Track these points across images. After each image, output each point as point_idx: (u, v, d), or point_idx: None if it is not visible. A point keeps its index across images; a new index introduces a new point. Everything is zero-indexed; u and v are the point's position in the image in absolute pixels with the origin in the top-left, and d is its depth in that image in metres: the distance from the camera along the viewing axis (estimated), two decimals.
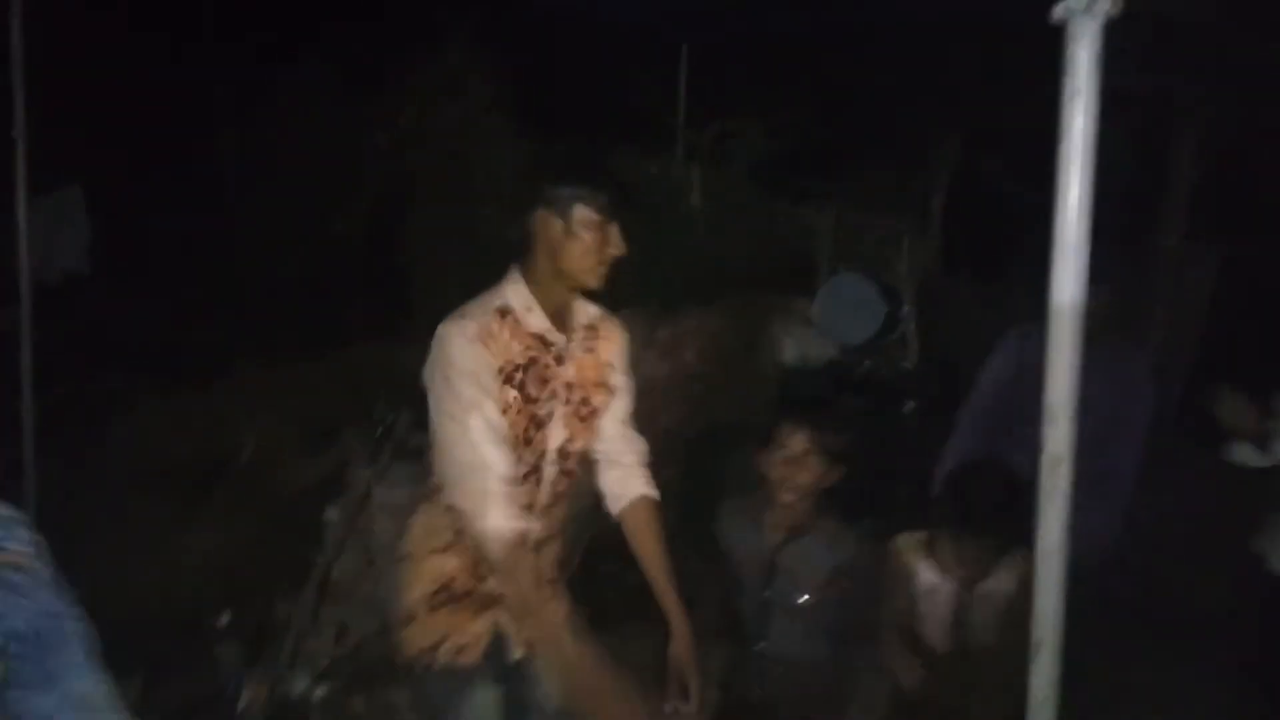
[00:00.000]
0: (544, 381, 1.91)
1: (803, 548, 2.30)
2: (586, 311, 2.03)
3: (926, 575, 2.30)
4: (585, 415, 2.00)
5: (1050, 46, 1.16)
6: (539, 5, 5.04)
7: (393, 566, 2.03)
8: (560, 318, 1.95)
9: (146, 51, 5.50)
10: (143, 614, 2.75)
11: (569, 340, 1.96)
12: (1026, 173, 5.44)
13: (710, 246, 4.41)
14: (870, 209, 4.72)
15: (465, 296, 1.98)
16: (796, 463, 2.28)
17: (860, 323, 3.69)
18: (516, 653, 1.98)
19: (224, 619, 3.03)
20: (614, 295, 2.25)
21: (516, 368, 1.88)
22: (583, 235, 1.86)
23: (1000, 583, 2.23)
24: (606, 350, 2.04)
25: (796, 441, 2.29)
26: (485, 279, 2.01)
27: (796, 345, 3.49)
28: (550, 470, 1.96)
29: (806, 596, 2.27)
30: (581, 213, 1.86)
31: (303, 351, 4.47)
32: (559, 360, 1.94)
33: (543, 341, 1.92)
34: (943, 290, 4.61)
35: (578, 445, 2.00)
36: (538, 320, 1.91)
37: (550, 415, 1.93)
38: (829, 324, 3.74)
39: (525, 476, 1.91)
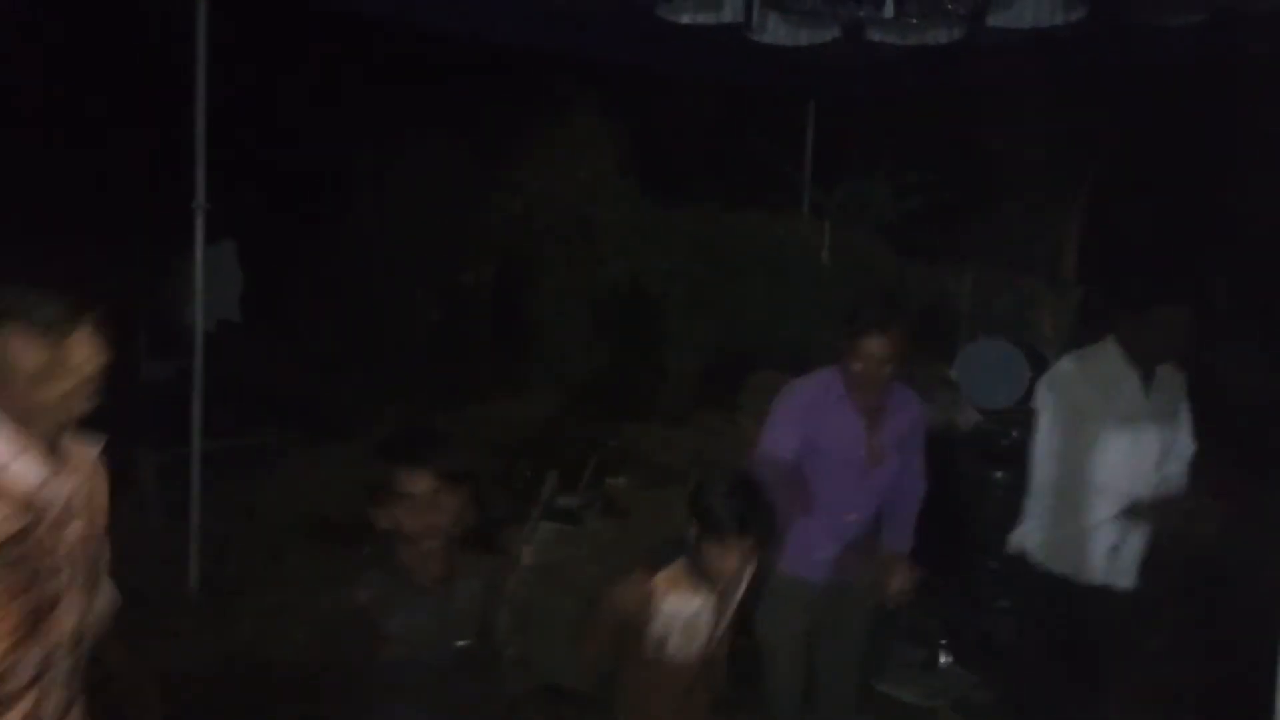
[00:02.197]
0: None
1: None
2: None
3: (685, 603, 2.18)
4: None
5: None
6: (664, 69, 5.17)
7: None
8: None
9: (295, 118, 5.87)
10: (301, 662, 2.84)
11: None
12: (1164, 227, 5.29)
13: (841, 307, 4.39)
14: (1007, 268, 4.61)
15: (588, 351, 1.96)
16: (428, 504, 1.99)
17: (1004, 388, 3.59)
18: None
19: None
20: (745, 357, 2.28)
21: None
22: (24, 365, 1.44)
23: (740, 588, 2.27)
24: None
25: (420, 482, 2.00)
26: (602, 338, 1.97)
27: (938, 412, 3.41)
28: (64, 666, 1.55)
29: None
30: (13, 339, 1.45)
31: (439, 405, 4.62)
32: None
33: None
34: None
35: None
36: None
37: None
38: (970, 389, 3.66)
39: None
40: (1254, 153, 3.72)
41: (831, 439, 2.66)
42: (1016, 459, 2.96)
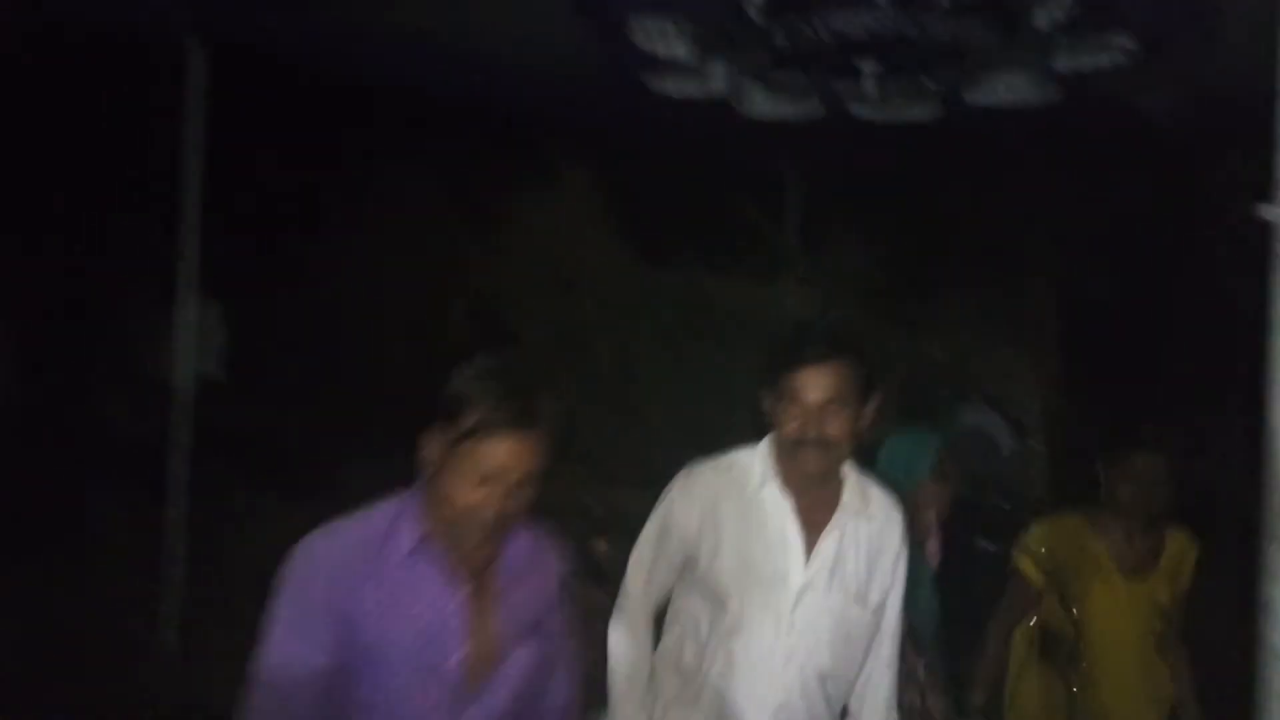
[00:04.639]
0: None
1: None
2: None
3: None
4: None
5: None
6: (651, 137, 5.27)
7: None
8: None
9: (284, 180, 5.92)
10: None
11: None
12: (1141, 300, 5.39)
13: None
14: (987, 337, 4.68)
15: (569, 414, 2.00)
16: None
17: (987, 458, 3.61)
18: None
19: None
20: (729, 426, 2.25)
21: None
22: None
23: None
24: None
25: None
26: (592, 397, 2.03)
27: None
28: None
29: None
30: None
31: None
32: None
33: None
34: (1068, 420, 4.49)
35: None
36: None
37: None
38: (954, 459, 3.67)
39: None
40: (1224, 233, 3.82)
41: (400, 631, 1.45)
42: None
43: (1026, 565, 2.47)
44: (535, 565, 1.60)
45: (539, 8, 3.07)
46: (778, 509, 1.79)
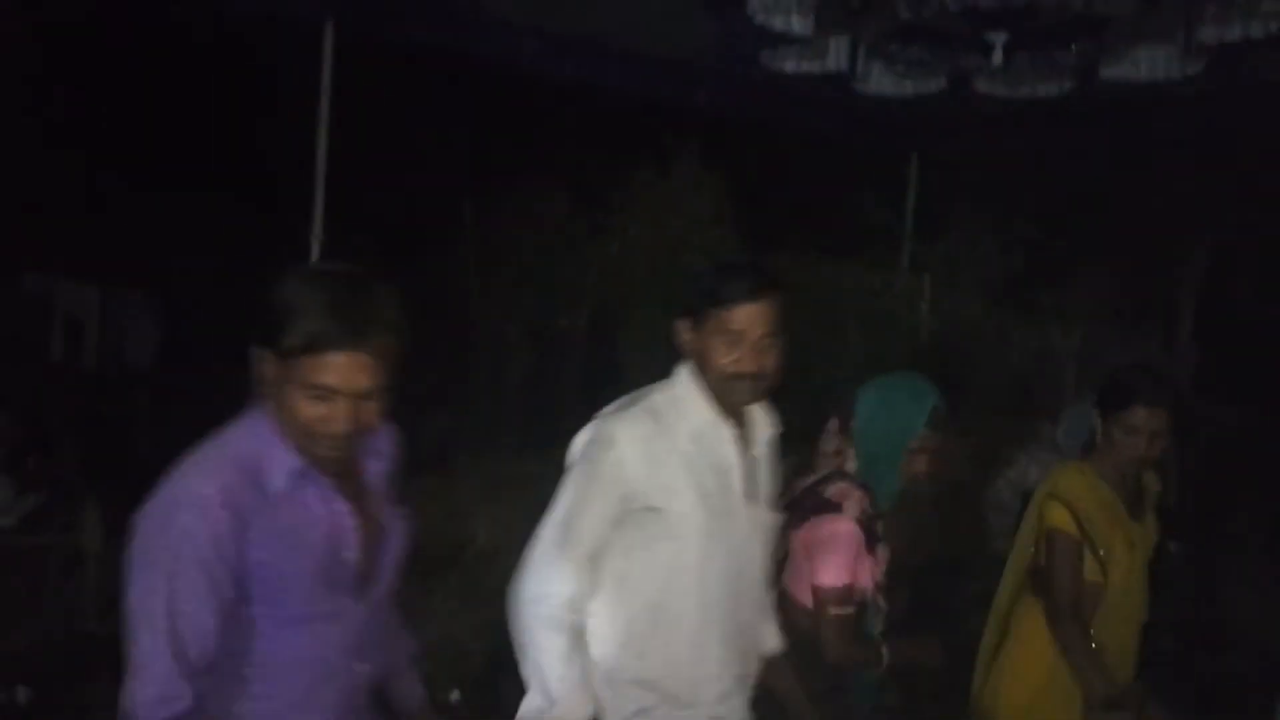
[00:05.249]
0: None
1: None
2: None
3: None
4: None
5: None
6: (766, 120, 5.20)
7: None
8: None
9: (402, 160, 6.11)
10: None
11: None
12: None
13: (942, 364, 4.29)
14: (1115, 327, 4.45)
15: None
16: None
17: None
18: None
19: (454, 696, 3.14)
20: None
21: None
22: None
23: None
24: None
25: None
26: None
27: (1043, 472, 3.26)
28: None
29: None
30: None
31: (527, 444, 4.67)
32: None
33: None
34: (1199, 415, 4.23)
35: None
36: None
37: None
38: (1076, 452, 3.50)
39: None
40: None
41: (296, 557, 1.46)
42: None
43: (1063, 518, 2.39)
44: (381, 447, 1.60)
45: None
46: (721, 438, 1.87)
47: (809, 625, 2.16)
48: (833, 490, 2.20)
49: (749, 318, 1.78)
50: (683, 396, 1.87)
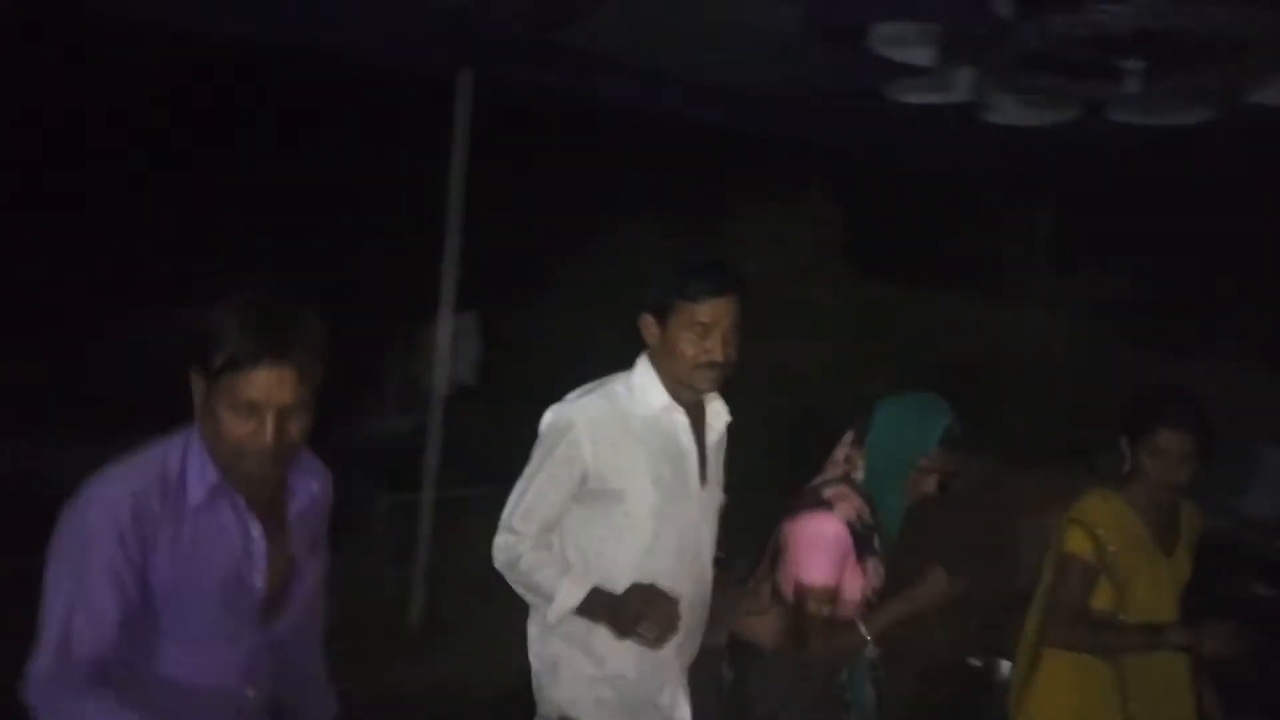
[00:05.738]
0: None
1: None
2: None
3: None
4: None
5: None
6: (889, 154, 5.16)
7: None
8: None
9: (526, 198, 6.32)
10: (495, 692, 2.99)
11: None
12: None
13: (1075, 399, 4.13)
14: (1258, 364, 4.18)
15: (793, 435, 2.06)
16: None
17: (1274, 496, 3.21)
18: None
19: None
20: (981, 447, 2.17)
21: None
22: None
23: None
24: None
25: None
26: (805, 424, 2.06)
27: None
28: None
29: None
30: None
31: None
32: None
33: None
34: None
35: None
36: None
37: None
38: (1238, 495, 3.31)
39: None
40: None
41: (201, 572, 1.48)
42: None
43: (1083, 545, 2.30)
44: (311, 487, 1.66)
45: (772, 21, 3.11)
46: (676, 425, 1.98)
47: (787, 619, 2.18)
48: (831, 492, 2.20)
49: (717, 311, 1.90)
50: (640, 384, 1.98)
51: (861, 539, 2.17)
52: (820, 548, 2.14)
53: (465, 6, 3.27)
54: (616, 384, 2.01)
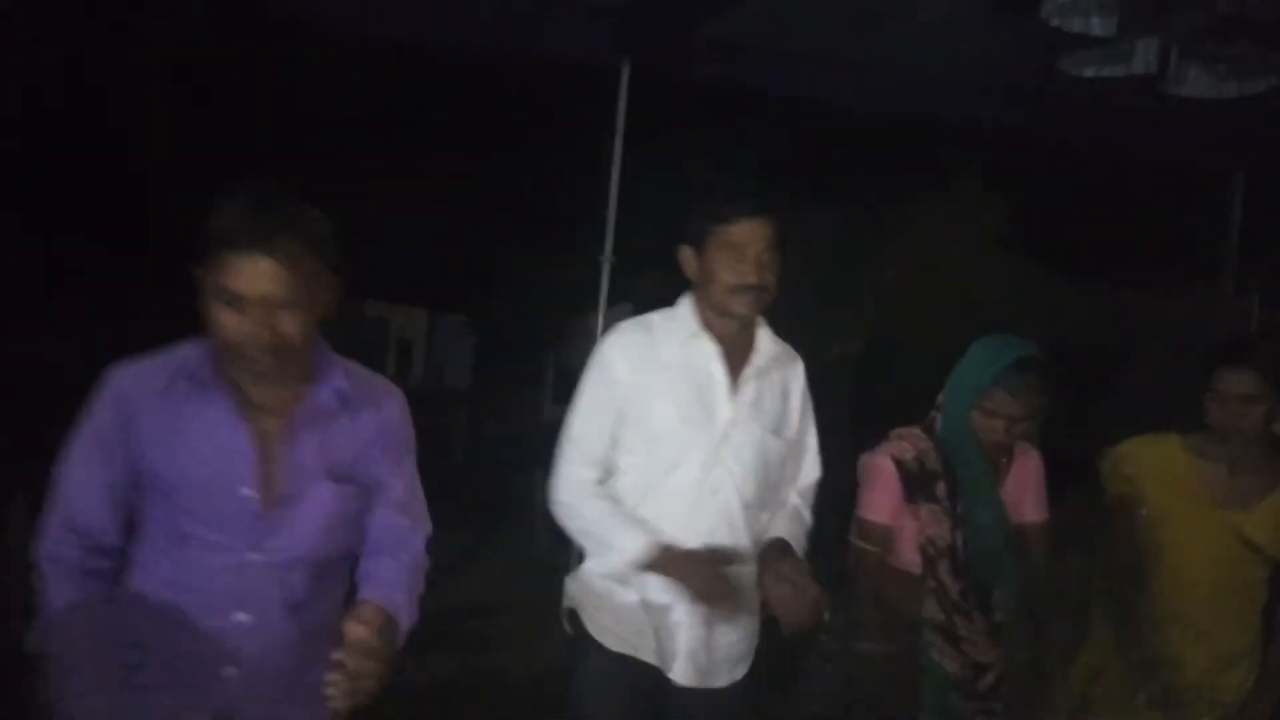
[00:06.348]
0: None
1: None
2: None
3: None
4: None
5: None
6: (1057, 133, 4.91)
7: None
8: None
9: (681, 187, 6.39)
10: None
11: None
12: None
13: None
14: None
15: None
16: None
17: None
18: None
19: None
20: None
21: None
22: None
23: None
24: None
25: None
26: None
27: None
28: None
29: None
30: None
31: None
32: None
33: None
34: None
35: None
36: None
37: None
38: None
39: None
40: None
41: (186, 461, 1.49)
42: None
43: (1109, 478, 2.31)
44: (350, 409, 1.56)
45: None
46: (706, 354, 1.97)
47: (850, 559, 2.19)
48: (897, 431, 2.20)
49: (750, 232, 1.91)
50: (676, 314, 2.02)
51: (914, 480, 2.16)
52: (867, 482, 2.20)
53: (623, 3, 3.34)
54: (656, 315, 2.05)
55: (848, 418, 5.77)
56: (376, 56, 5.26)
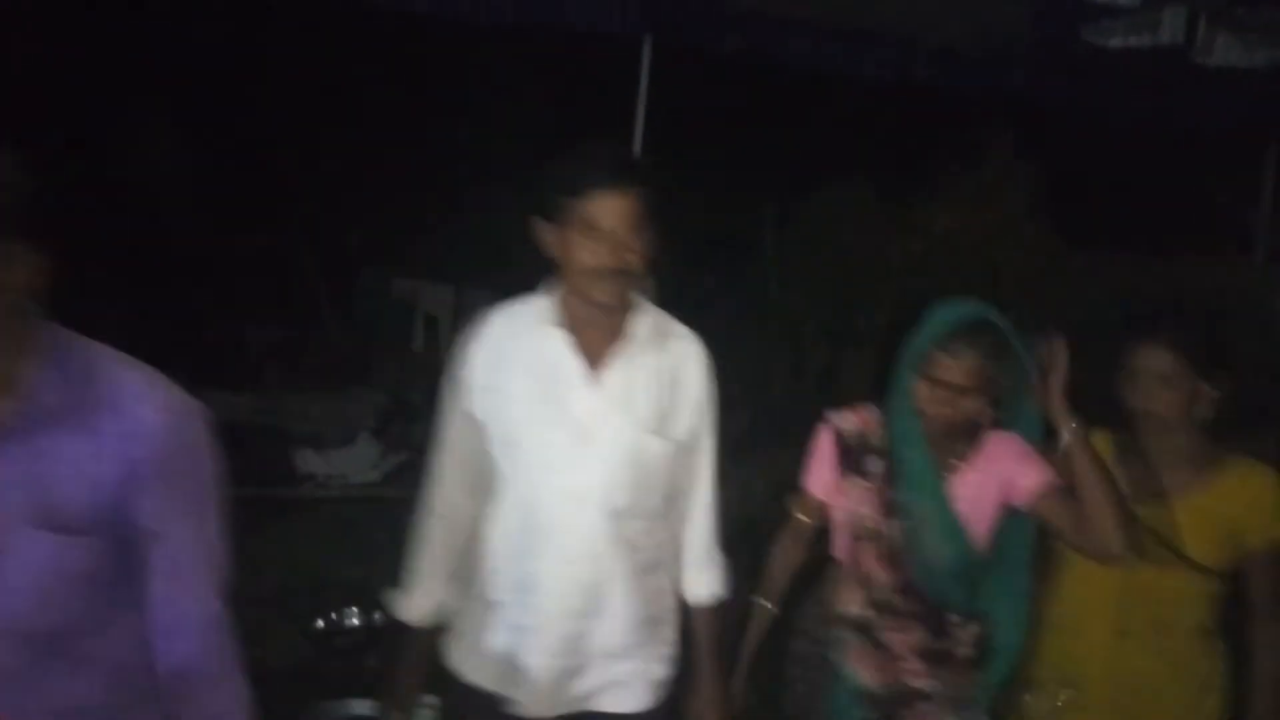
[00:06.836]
0: None
1: None
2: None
3: None
4: None
5: None
6: (1085, 103, 4.84)
7: None
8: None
9: (709, 162, 6.38)
10: None
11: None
12: None
13: None
14: None
15: None
16: None
17: None
18: None
19: None
20: None
21: None
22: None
23: None
24: None
25: None
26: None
27: None
28: None
29: None
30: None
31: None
32: None
33: None
34: None
35: None
36: None
37: None
38: None
39: None
40: None
41: None
42: None
43: None
44: (83, 431, 1.12)
45: None
46: (556, 343, 1.71)
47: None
48: (862, 404, 2.06)
49: (608, 209, 1.61)
50: (533, 300, 1.78)
51: (850, 453, 1.97)
52: (811, 452, 2.07)
53: None
54: (533, 297, 1.80)
55: (872, 386, 5.77)
56: (400, 30, 5.29)
